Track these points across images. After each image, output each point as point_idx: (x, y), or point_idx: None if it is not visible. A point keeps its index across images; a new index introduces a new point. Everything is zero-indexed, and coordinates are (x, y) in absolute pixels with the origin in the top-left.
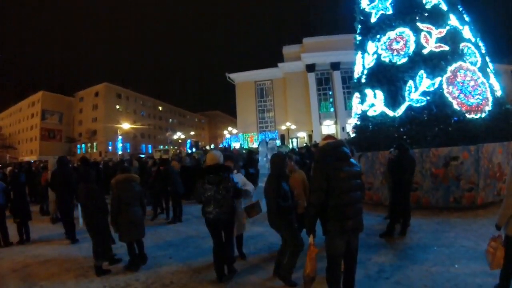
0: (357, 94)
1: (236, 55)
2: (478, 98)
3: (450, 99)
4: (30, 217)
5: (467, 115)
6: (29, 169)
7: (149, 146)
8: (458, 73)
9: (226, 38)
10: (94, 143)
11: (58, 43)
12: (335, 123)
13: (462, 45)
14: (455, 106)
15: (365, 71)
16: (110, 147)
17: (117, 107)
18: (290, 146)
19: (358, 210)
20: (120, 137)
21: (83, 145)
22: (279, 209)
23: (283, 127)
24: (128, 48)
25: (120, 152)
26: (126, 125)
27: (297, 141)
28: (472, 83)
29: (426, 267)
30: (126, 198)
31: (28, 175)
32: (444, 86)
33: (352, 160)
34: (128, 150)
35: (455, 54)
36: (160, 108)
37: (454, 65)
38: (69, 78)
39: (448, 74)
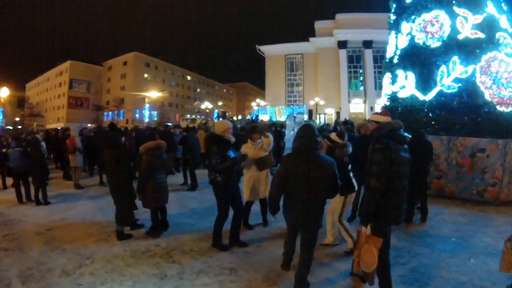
0: (388, 74)
1: (267, 27)
2: (511, 91)
3: (482, 88)
4: (44, 182)
5: (498, 107)
6: (53, 136)
7: (177, 115)
8: (492, 63)
9: (258, 9)
10: (121, 111)
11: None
12: (364, 102)
13: (498, 34)
14: (487, 97)
15: (398, 52)
16: (137, 115)
17: (146, 76)
18: (318, 122)
19: (404, 199)
20: (147, 105)
21: (110, 113)
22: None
23: (312, 102)
24: (158, 18)
25: (147, 120)
26: (153, 93)
27: (324, 117)
28: (506, 74)
29: (443, 257)
30: (155, 165)
31: (53, 142)
32: (477, 74)
33: (405, 145)
34: (155, 119)
35: (491, 42)
36: (188, 77)
37: (489, 54)
38: (98, 48)
39: (482, 62)
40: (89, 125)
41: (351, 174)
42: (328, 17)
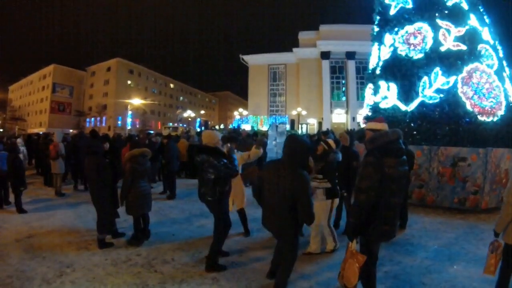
0: (370, 85)
1: (251, 37)
2: (492, 101)
3: (463, 99)
4: (18, 189)
5: (479, 117)
6: (34, 141)
7: (159, 123)
8: (473, 74)
9: (243, 19)
10: (103, 118)
11: (73, 17)
12: (346, 112)
13: (480, 46)
14: (468, 107)
15: (380, 63)
16: (119, 122)
17: (129, 82)
18: (299, 132)
19: (397, 215)
20: (130, 113)
21: (92, 119)
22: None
23: (294, 112)
24: (142, 25)
25: (128, 127)
26: (136, 101)
27: (306, 127)
28: (487, 85)
29: (425, 265)
30: (140, 172)
31: (34, 147)
32: (459, 85)
33: (404, 157)
34: (137, 126)
35: (472, 54)
36: (171, 85)
37: (471, 66)
38: (81, 53)
39: (464, 74)
40: (70, 130)
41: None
42: (313, 28)
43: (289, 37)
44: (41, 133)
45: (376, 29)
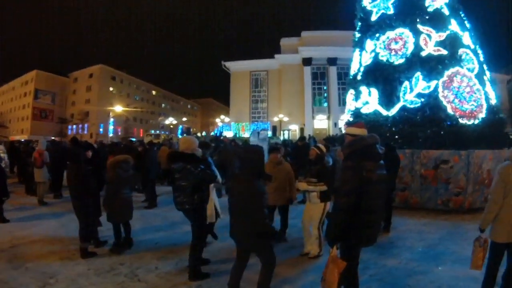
0: (352, 91)
1: (233, 43)
2: (473, 105)
3: (444, 103)
4: (3, 196)
5: (460, 120)
6: (16, 148)
7: (141, 130)
8: (454, 78)
9: (224, 26)
10: (86, 125)
11: (55, 23)
12: (328, 118)
13: (460, 50)
14: (449, 111)
15: (362, 69)
16: (101, 129)
17: (111, 89)
18: (282, 138)
19: (379, 219)
20: (112, 120)
21: (74, 126)
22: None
23: (276, 119)
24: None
25: (111, 135)
26: (118, 108)
27: (288, 133)
28: (467, 89)
29: (410, 267)
30: (124, 179)
31: (16, 155)
32: (440, 89)
33: (382, 161)
34: (119, 134)
35: (453, 59)
36: (154, 92)
37: (451, 70)
38: (64, 59)
39: (445, 78)
40: (52, 138)
41: None
42: (295, 34)
43: (271, 43)
44: (22, 140)
45: (358, 35)
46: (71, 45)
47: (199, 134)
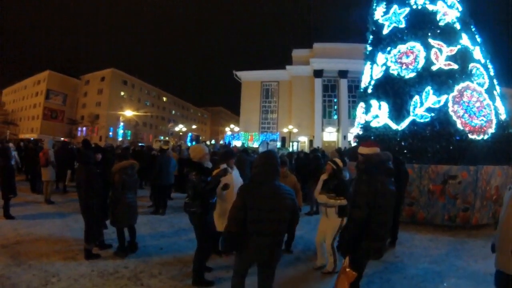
0: (362, 104)
1: (245, 53)
2: (482, 120)
3: (454, 117)
4: (6, 196)
5: (470, 136)
6: (26, 146)
7: (150, 135)
8: (464, 93)
9: (237, 36)
10: (95, 127)
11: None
12: (337, 130)
13: (471, 65)
14: (459, 126)
15: (372, 82)
16: (111, 133)
17: (122, 93)
18: (290, 149)
19: (387, 233)
20: (121, 124)
21: (84, 128)
22: None
23: (285, 130)
24: (138, 38)
25: (120, 139)
26: (129, 112)
27: (297, 145)
28: (477, 104)
29: (415, 282)
30: (128, 184)
31: (25, 153)
32: (450, 104)
33: (392, 178)
34: (129, 138)
35: (464, 73)
36: (164, 99)
37: (462, 85)
38: (77, 60)
39: (455, 92)
40: (61, 139)
41: None
42: (306, 45)
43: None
44: (32, 139)
45: (369, 48)
46: (85, 48)
47: (208, 142)
